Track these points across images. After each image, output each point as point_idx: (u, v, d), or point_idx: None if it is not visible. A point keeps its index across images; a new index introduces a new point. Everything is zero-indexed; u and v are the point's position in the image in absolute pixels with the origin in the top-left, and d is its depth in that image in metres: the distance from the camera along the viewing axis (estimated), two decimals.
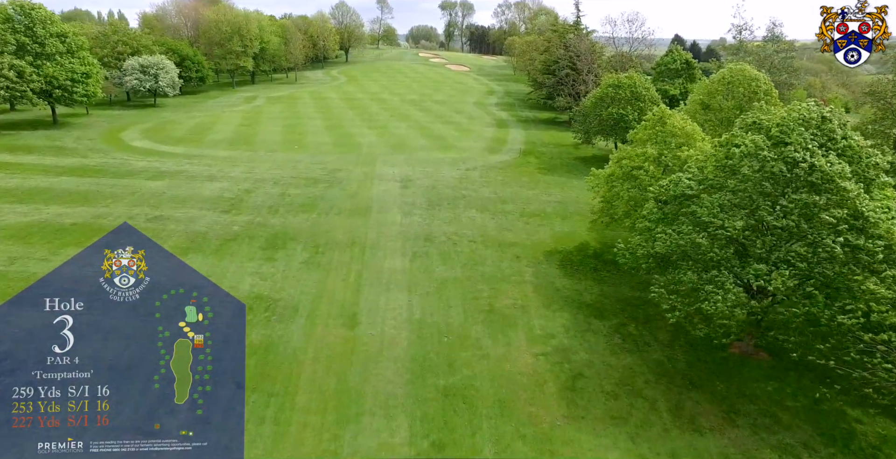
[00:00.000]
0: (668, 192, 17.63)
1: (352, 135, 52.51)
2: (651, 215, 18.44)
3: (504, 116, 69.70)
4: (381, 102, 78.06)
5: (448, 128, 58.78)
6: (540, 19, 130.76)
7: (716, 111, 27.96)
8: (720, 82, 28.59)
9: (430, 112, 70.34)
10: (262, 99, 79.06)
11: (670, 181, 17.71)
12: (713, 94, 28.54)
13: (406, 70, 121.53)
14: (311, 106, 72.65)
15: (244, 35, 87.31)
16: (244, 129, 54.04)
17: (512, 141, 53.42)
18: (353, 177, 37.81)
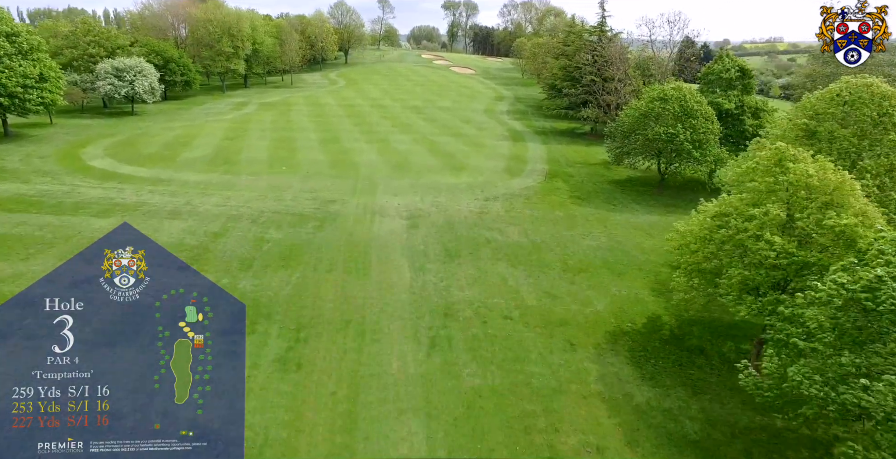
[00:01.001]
0: (877, 300, 10.51)
1: (349, 152, 45.28)
2: (823, 332, 11.33)
3: (518, 127, 62.51)
4: (382, 110, 70.81)
5: (457, 141, 51.58)
6: (550, 20, 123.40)
7: (826, 141, 20.86)
8: (832, 101, 21.39)
9: (435, 121, 63.10)
10: (253, 105, 71.77)
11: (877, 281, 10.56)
12: (822, 117, 21.36)
13: (408, 73, 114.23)
14: (305, 114, 65.35)
15: (235, 35, 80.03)
16: (227, 144, 46.77)
17: (532, 158, 46.24)
18: (349, 211, 30.60)
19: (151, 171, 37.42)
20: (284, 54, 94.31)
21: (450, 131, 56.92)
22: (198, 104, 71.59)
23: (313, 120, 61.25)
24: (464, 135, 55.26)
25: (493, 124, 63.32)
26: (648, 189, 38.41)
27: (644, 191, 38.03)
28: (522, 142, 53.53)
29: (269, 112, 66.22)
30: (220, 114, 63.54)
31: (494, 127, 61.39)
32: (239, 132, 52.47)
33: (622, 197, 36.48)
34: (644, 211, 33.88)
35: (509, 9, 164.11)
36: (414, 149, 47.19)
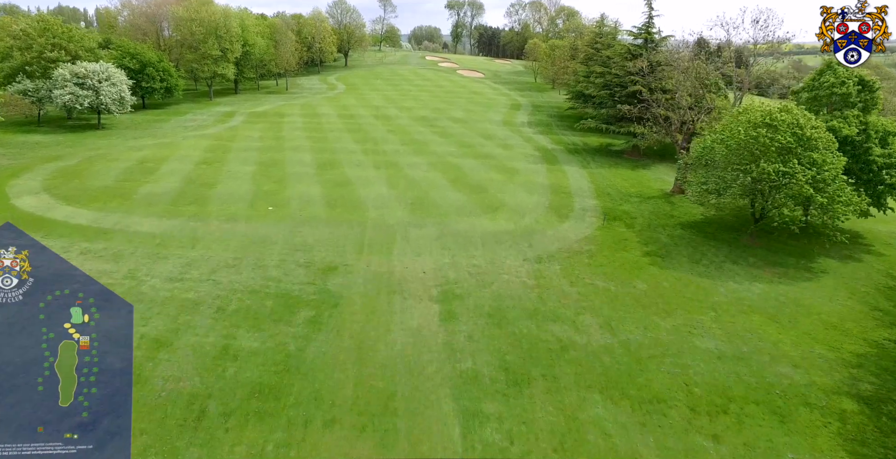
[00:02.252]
0: None
1: (352, 183, 36.15)
2: None
3: (546, 143, 53.51)
4: (387, 121, 61.63)
5: (483, 166, 42.51)
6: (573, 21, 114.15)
7: None
8: None
9: (451, 137, 54.00)
10: (241, 116, 62.49)
11: None
12: None
13: (412, 77, 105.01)
14: (300, 127, 56.16)
15: (223, 36, 70.69)
16: (202, 172, 37.60)
17: (577, 190, 37.26)
18: (356, 289, 21.47)
19: (95, 215, 28.22)
20: (279, 57, 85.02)
21: (471, 151, 47.81)
22: (179, 114, 62.25)
23: (309, 135, 52.05)
24: (489, 156, 46.17)
25: (518, 140, 54.25)
26: (735, 236, 29.48)
27: (731, 239, 29.08)
28: (558, 165, 44.49)
29: (258, 125, 56.97)
30: (200, 128, 54.26)
31: (520, 144, 52.33)
32: (219, 153, 43.26)
33: (709, 251, 27.47)
34: (747, 276, 24.88)
35: (516, 8, 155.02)
36: (433, 178, 38.08)
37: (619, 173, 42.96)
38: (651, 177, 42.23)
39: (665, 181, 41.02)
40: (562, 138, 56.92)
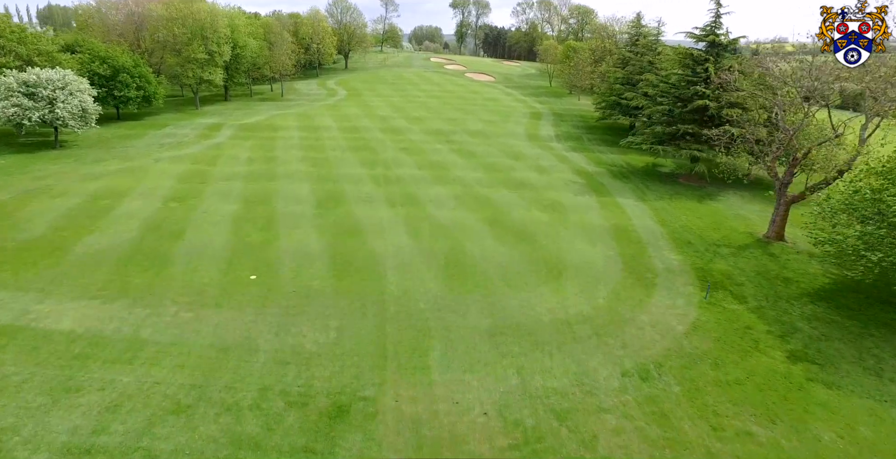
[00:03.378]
0: None
1: (362, 231, 27.53)
2: None
3: (584, 164, 45.04)
4: (397, 136, 53.03)
5: (521, 199, 33.97)
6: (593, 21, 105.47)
7: None
8: None
9: (474, 157, 45.42)
10: (228, 129, 53.77)
11: None
12: None
13: (418, 80, 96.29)
14: (295, 145, 47.47)
15: (209, 37, 61.85)
16: (168, 214, 28.97)
17: (646, 234, 28.80)
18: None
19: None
20: (273, 59, 76.22)
21: (502, 177, 39.23)
22: (156, 127, 53.46)
23: (306, 156, 43.37)
24: (524, 184, 37.60)
25: (551, 160, 45.73)
26: (893, 315, 21.09)
27: (892, 321, 20.69)
28: (609, 196, 36.00)
29: (247, 142, 48.24)
30: (179, 147, 45.52)
31: (555, 165, 43.80)
32: (195, 183, 34.60)
33: (875, 346, 19.03)
34: None
35: (524, 7, 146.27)
36: (464, 220, 29.51)
37: (687, 207, 34.49)
38: (727, 213, 33.76)
39: (747, 219, 32.57)
40: (600, 157, 48.41)
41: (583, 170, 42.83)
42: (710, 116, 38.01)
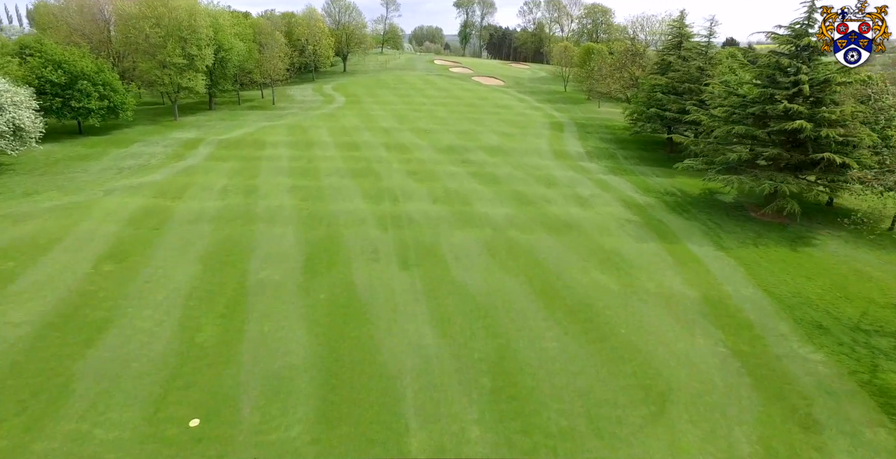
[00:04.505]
0: None
1: (367, 316, 19.16)
2: None
3: (630, 191, 36.90)
4: (403, 154, 44.77)
5: (571, 251, 25.67)
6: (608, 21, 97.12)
7: None
8: None
9: (498, 184, 37.18)
10: (206, 146, 45.43)
11: None
12: None
13: (423, 85, 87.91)
14: (283, 168, 39.14)
15: (188, 39, 53.42)
16: (97, 285, 20.62)
17: (754, 309, 20.56)
18: None
19: None
20: (264, 63, 67.82)
21: (538, 214, 30.93)
22: (121, 144, 45.09)
23: (295, 184, 35.05)
24: (568, 224, 29.30)
25: (590, 186, 37.52)
26: None
27: None
28: (677, 241, 27.77)
29: (225, 164, 39.91)
30: (142, 172, 37.19)
31: (597, 194, 35.58)
32: (148, 228, 26.26)
33: None
34: None
35: (530, 6, 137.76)
36: (506, 293, 21.13)
37: (784, 260, 26.25)
38: (841, 268, 25.41)
39: (873, 278, 24.28)
40: (645, 182, 40.21)
41: (632, 201, 34.62)
42: (802, 139, 29.78)
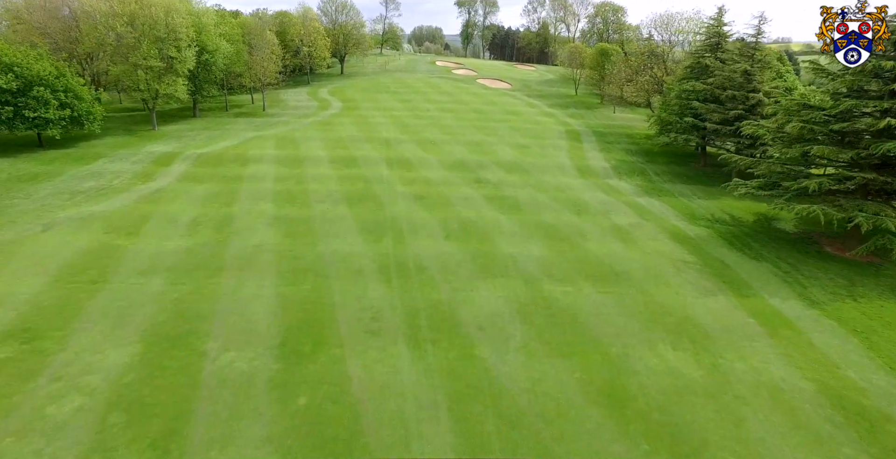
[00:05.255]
0: None
1: (369, 453, 13.35)
2: None
3: (674, 219, 30.99)
4: (407, 171, 38.81)
5: (630, 315, 19.69)
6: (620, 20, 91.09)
7: None
8: None
9: (520, 212, 31.21)
10: (182, 162, 39.39)
11: None
12: None
13: (425, 88, 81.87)
14: (266, 192, 33.05)
15: (166, 39, 47.33)
16: None
17: (893, 404, 14.76)
18: None
19: None
20: (254, 66, 61.71)
21: (575, 254, 24.93)
22: (83, 160, 38.98)
23: (279, 213, 29.00)
24: (614, 270, 23.29)
25: (626, 212, 31.58)
26: None
27: None
28: (754, 294, 21.85)
29: (200, 186, 33.85)
30: (98, 197, 31.08)
31: (637, 224, 29.63)
32: (83, 282, 20.19)
33: None
34: None
35: (534, 5, 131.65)
36: (557, 396, 15.18)
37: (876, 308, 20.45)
38: None
39: None
40: (687, 205, 34.32)
41: (680, 233, 28.70)
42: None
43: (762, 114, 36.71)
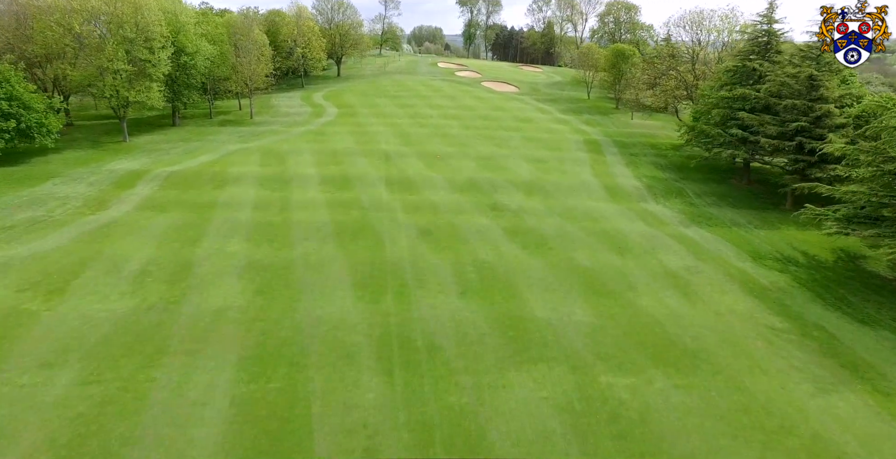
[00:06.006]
0: None
1: None
2: None
3: (735, 260, 25.02)
4: (410, 194, 32.83)
5: (718, 425, 13.84)
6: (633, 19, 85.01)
7: None
8: None
9: (548, 252, 25.16)
10: (147, 183, 33.34)
11: None
12: None
13: (427, 92, 75.77)
14: (242, 224, 26.96)
15: (135, 40, 41.25)
16: None
17: None
18: None
19: None
20: (240, 69, 55.63)
21: (624, 315, 18.96)
22: (28, 182, 32.88)
23: (253, 256, 22.93)
24: (686, 348, 17.31)
25: (677, 249, 25.57)
26: None
27: None
28: (889, 388, 15.93)
29: (161, 216, 27.75)
30: (26, 234, 24.94)
31: (693, 267, 23.63)
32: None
33: None
34: None
35: (540, 4, 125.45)
36: None
37: None
38: None
39: None
40: (746, 238, 28.37)
41: (750, 282, 22.77)
42: None
43: (831, 127, 30.77)
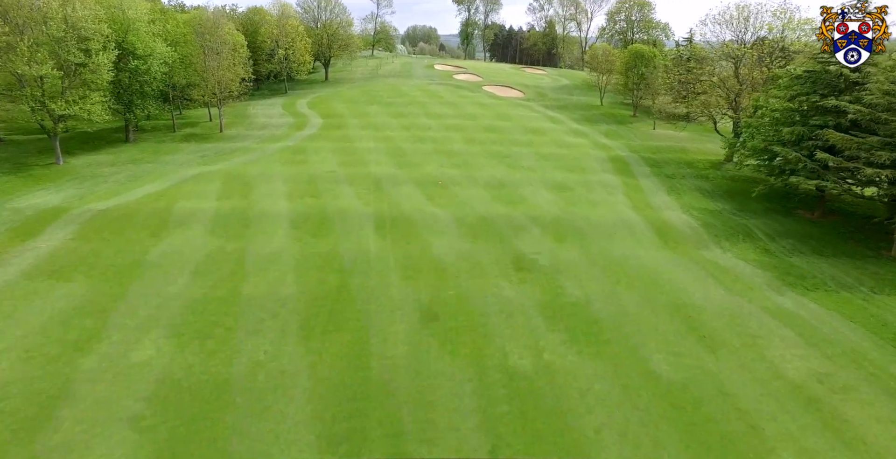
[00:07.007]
0: None
1: None
2: None
3: (868, 347, 17.03)
4: (407, 242, 24.57)
5: None
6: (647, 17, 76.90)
7: None
8: None
9: (605, 346, 16.98)
10: (57, 231, 24.90)
11: None
12: None
13: (424, 98, 67.46)
14: (174, 299, 18.62)
15: (64, 39, 32.76)
16: None
17: None
18: None
19: None
20: (208, 75, 47.18)
21: None
22: None
23: (176, 371, 14.55)
24: None
25: (794, 342, 17.44)
26: None
27: None
28: None
29: (59, 292, 19.32)
30: None
31: (834, 379, 15.52)
32: None
33: None
34: None
35: (541, 2, 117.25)
36: None
37: None
38: None
39: None
40: (872, 311, 20.41)
41: None
42: None
43: None
